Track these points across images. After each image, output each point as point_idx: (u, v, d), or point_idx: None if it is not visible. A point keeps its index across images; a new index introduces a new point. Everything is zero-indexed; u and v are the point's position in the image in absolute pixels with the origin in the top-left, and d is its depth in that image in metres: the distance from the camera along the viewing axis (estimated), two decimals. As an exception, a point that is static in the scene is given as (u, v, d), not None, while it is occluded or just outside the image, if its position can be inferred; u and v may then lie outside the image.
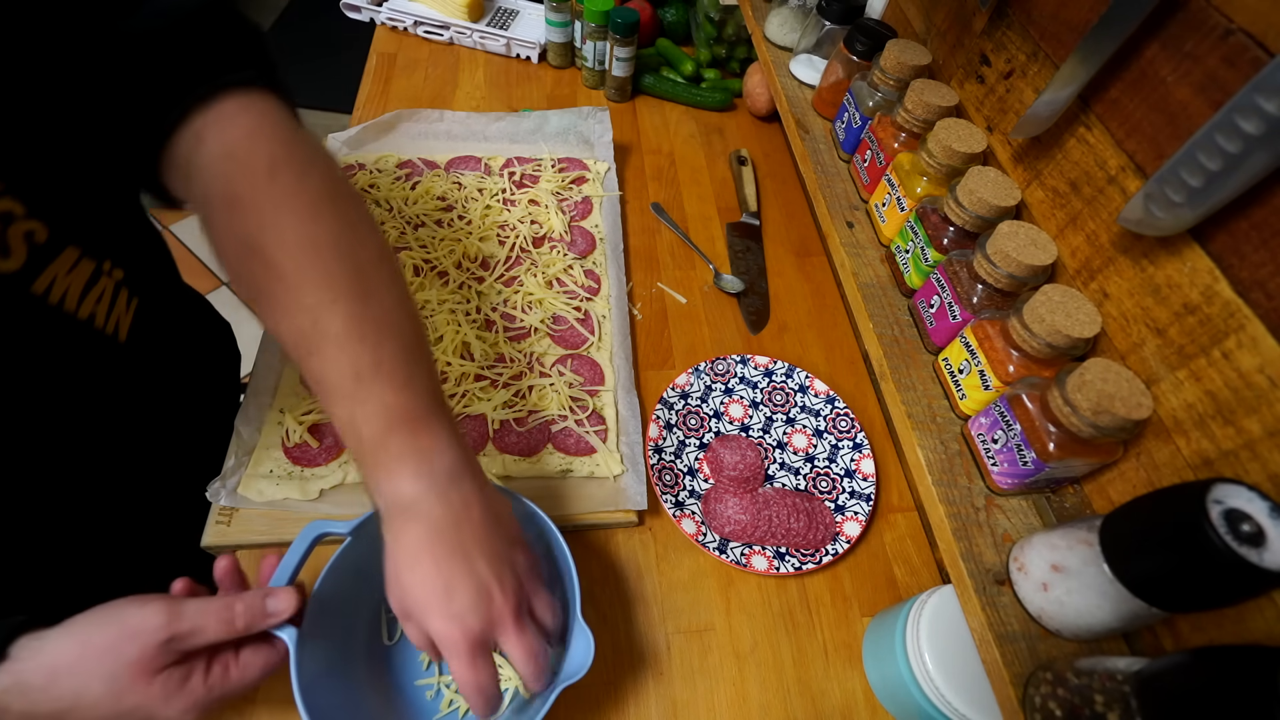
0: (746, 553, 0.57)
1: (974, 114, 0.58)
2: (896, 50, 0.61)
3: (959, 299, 0.49)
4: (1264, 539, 0.28)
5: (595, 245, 0.75)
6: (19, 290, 0.36)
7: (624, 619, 0.54)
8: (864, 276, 0.59)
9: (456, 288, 0.68)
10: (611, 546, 0.58)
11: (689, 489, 0.60)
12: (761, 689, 0.52)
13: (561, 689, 0.41)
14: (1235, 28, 0.35)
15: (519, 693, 0.45)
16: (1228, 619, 0.35)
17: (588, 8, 0.86)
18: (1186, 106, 0.38)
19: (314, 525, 0.44)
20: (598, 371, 0.65)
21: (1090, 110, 0.46)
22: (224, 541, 0.52)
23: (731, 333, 0.74)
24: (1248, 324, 0.35)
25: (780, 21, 0.82)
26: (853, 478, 0.63)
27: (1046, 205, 0.49)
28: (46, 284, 0.38)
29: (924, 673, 0.45)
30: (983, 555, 0.42)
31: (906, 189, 0.57)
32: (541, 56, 1.00)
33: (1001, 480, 0.44)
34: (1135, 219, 0.38)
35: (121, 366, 0.47)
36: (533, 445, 0.59)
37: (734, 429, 0.65)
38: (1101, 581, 0.35)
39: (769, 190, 0.89)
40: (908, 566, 0.60)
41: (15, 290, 0.36)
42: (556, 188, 0.79)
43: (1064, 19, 0.48)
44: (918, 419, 0.49)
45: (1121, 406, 0.37)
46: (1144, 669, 0.31)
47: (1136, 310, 0.41)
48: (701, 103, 0.97)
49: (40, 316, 0.38)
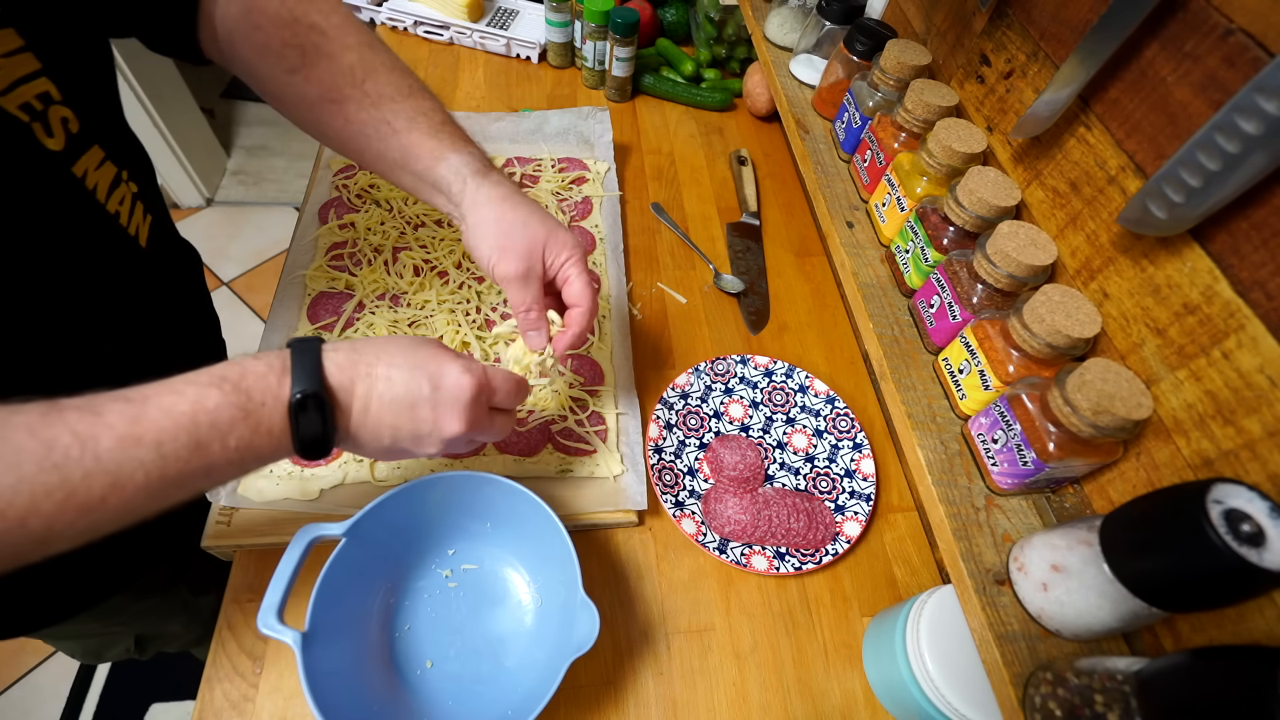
0: (746, 553, 0.57)
1: (974, 114, 0.58)
2: (896, 50, 0.61)
3: (959, 299, 0.49)
4: (1264, 539, 0.28)
5: (595, 245, 0.75)
6: (61, 169, 0.40)
7: (624, 619, 0.54)
8: (864, 276, 0.59)
9: (456, 288, 0.68)
10: (611, 546, 0.58)
11: (689, 489, 0.60)
12: (761, 689, 0.52)
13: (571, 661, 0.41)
14: (1235, 28, 0.35)
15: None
16: (1228, 619, 0.35)
17: (588, 8, 0.86)
18: (1186, 106, 0.38)
19: (308, 529, 0.44)
20: (598, 371, 0.65)
21: (1090, 110, 0.46)
22: (224, 542, 0.52)
23: (731, 333, 0.74)
24: (1248, 324, 0.35)
25: (780, 21, 0.82)
26: (853, 478, 0.63)
27: (1046, 205, 0.49)
28: (82, 170, 0.41)
29: (924, 673, 0.45)
30: (983, 555, 0.42)
31: (906, 189, 0.57)
32: (541, 56, 1.00)
33: (1001, 480, 0.44)
34: (1135, 219, 0.38)
35: (141, 270, 0.49)
36: (533, 445, 0.59)
37: (734, 429, 0.65)
38: (1101, 581, 0.35)
39: (769, 190, 0.89)
40: (908, 566, 0.60)
41: (58, 169, 0.39)
42: (556, 188, 0.79)
43: (1064, 19, 0.48)
44: (918, 419, 0.49)
45: (1121, 406, 0.37)
46: (1144, 669, 0.31)
47: (1136, 310, 0.41)
48: (701, 103, 0.97)
49: (78, 198, 0.41)
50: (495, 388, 0.42)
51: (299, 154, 2.08)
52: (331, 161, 0.78)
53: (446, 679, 0.48)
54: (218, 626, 0.51)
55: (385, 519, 0.47)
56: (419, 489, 0.48)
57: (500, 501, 0.50)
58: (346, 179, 0.76)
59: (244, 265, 1.82)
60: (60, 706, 1.14)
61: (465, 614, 0.51)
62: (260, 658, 0.50)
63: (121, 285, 0.48)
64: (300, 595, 0.43)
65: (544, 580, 0.52)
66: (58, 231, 0.41)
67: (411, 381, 0.38)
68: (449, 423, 0.39)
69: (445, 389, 0.38)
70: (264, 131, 2.13)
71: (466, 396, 0.39)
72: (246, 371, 0.34)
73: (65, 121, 0.39)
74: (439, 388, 0.38)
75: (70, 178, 0.40)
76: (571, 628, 0.44)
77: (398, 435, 0.38)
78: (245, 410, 0.33)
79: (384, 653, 0.48)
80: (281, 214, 1.94)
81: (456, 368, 0.39)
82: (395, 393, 0.38)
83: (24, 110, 0.36)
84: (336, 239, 0.70)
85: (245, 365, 0.34)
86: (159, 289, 0.52)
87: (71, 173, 0.40)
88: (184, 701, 1.17)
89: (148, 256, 0.50)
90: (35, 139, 0.37)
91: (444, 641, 0.50)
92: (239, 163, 2.04)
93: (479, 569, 0.53)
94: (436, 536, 0.52)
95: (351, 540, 0.45)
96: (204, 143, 1.88)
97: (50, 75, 0.38)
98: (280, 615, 0.41)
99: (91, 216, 0.43)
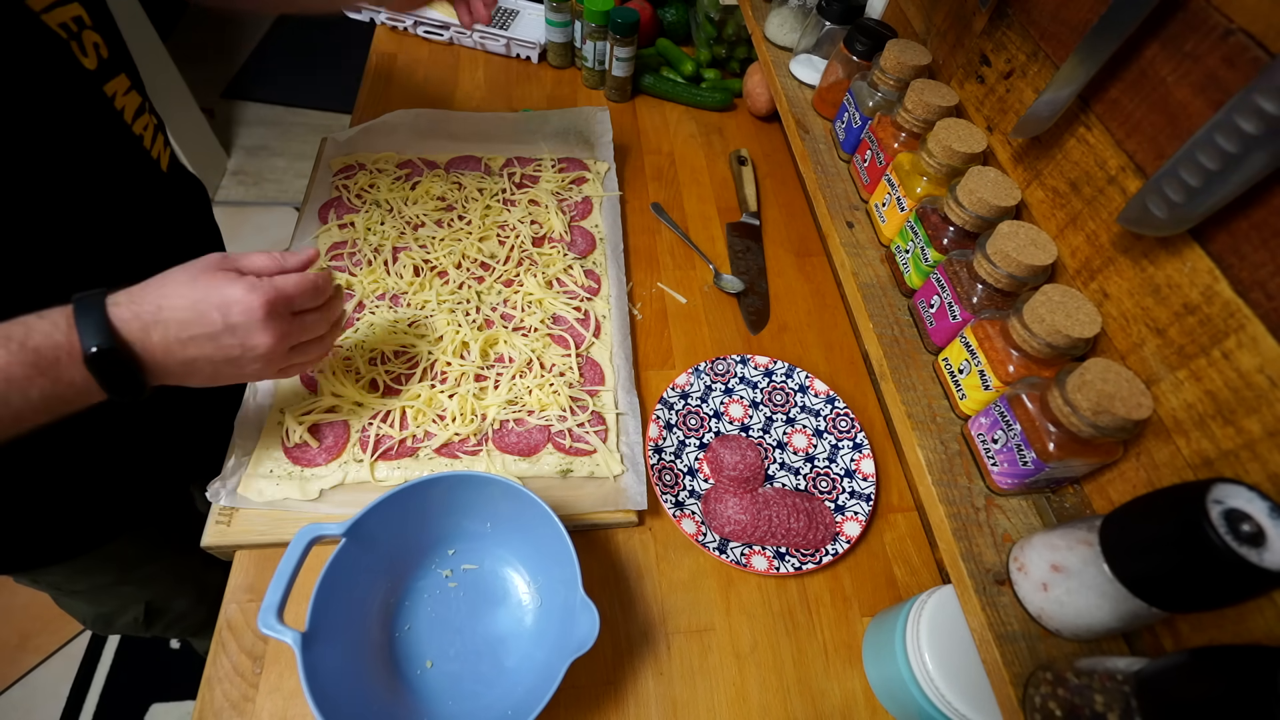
0: (746, 553, 0.57)
1: (974, 114, 0.58)
2: (896, 50, 0.61)
3: (959, 299, 0.49)
4: (1264, 539, 0.28)
5: (595, 245, 0.75)
6: (94, 88, 0.43)
7: (624, 619, 0.54)
8: (864, 276, 0.59)
9: (456, 288, 0.68)
10: (611, 546, 0.58)
11: (689, 489, 0.60)
12: (761, 689, 0.52)
13: (571, 661, 0.41)
14: (1235, 28, 0.35)
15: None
16: (1228, 619, 0.35)
17: (588, 8, 0.86)
18: (1186, 106, 0.38)
19: (308, 529, 0.44)
20: (598, 371, 0.65)
21: (1090, 110, 0.46)
22: (224, 541, 0.52)
23: (731, 333, 0.74)
24: (1248, 324, 0.35)
25: (780, 21, 0.82)
26: (853, 478, 0.63)
27: (1046, 205, 0.49)
28: (112, 92, 0.45)
29: (924, 673, 0.45)
30: (983, 555, 0.42)
31: (906, 189, 0.57)
32: (541, 56, 1.00)
33: (1001, 480, 0.44)
34: (1135, 219, 0.38)
35: (162, 193, 0.53)
36: (533, 445, 0.59)
37: (734, 429, 0.65)
38: (1101, 581, 0.35)
39: (769, 190, 0.89)
40: (908, 566, 0.60)
41: (92, 87, 0.43)
42: (556, 188, 0.79)
43: (1064, 19, 0.48)
44: (918, 419, 0.49)
45: (1121, 406, 0.37)
46: (1144, 669, 0.31)
47: (1136, 310, 0.41)
48: (701, 103, 0.97)
49: (108, 117, 0.45)
50: (290, 294, 0.43)
51: (299, 154, 2.08)
52: (331, 162, 0.78)
53: (446, 679, 0.48)
54: (218, 626, 0.51)
55: (385, 518, 0.47)
56: (419, 489, 0.48)
57: (500, 501, 0.50)
58: (346, 179, 0.76)
59: (244, 265, 1.82)
60: (60, 706, 1.14)
61: (465, 614, 0.51)
62: (260, 658, 0.50)
63: (144, 202, 0.51)
64: (300, 595, 0.43)
65: (544, 580, 0.52)
66: (90, 144, 0.45)
67: (201, 318, 0.40)
68: (256, 342, 0.41)
69: (235, 315, 0.40)
70: (264, 131, 2.13)
71: (259, 315, 0.41)
72: (31, 330, 0.36)
73: (96, 46, 0.43)
74: (228, 316, 0.40)
75: (102, 96, 0.44)
76: (572, 627, 0.44)
77: (215, 366, 0.41)
78: (38, 367, 0.35)
79: (384, 653, 0.48)
80: (281, 214, 1.94)
81: (239, 289, 0.40)
82: (190, 332, 0.39)
83: (62, 29, 0.40)
84: (336, 239, 0.70)
85: (30, 324, 0.36)
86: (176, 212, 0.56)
87: (103, 91, 0.44)
88: (184, 701, 1.17)
89: (168, 180, 0.54)
90: (73, 55, 0.41)
91: (444, 641, 0.50)
92: (239, 163, 2.04)
93: (479, 569, 0.53)
94: (437, 536, 0.52)
95: (352, 540, 0.45)
96: (204, 143, 1.88)
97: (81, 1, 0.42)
98: (280, 615, 0.41)
99: (119, 135, 0.47)
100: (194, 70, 1.79)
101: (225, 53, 2.33)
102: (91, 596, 0.71)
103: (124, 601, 0.74)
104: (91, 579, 0.67)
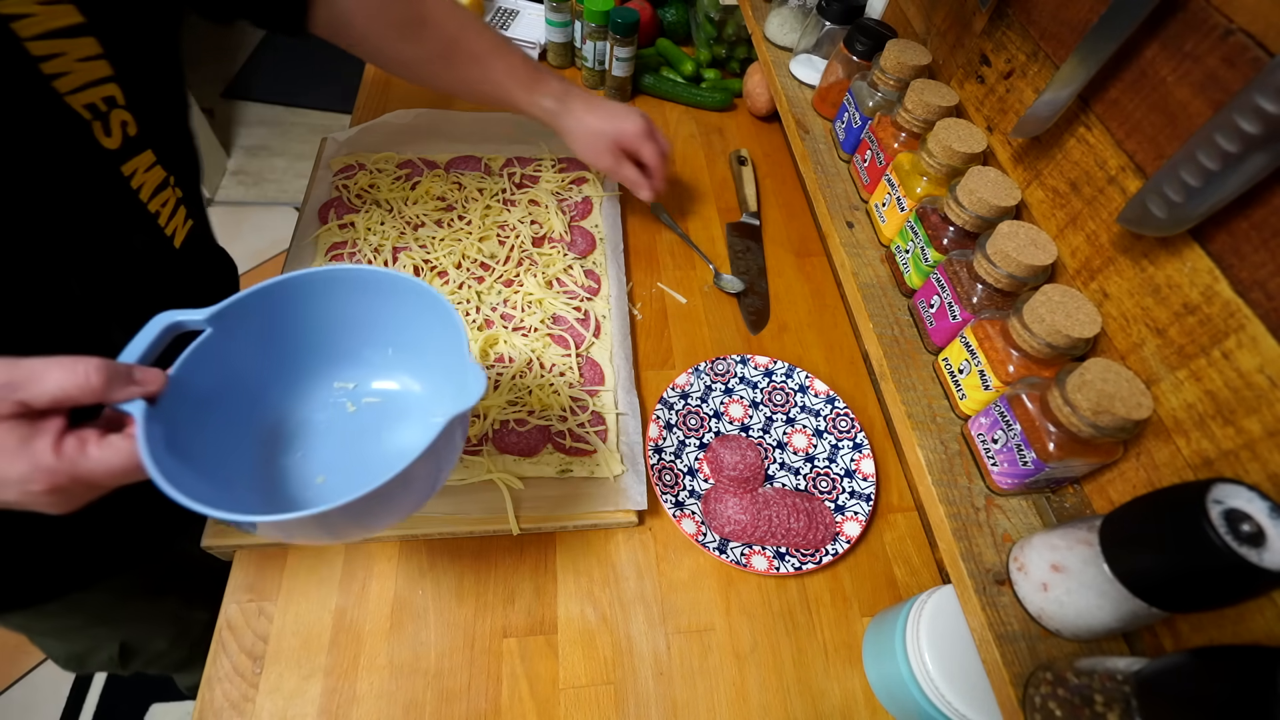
0: (746, 553, 0.57)
1: (974, 114, 0.58)
2: (896, 50, 0.61)
3: (959, 299, 0.49)
4: (1264, 539, 0.28)
5: (595, 245, 0.75)
6: (112, 168, 0.44)
7: (624, 619, 0.54)
8: (864, 276, 0.59)
9: (456, 288, 0.68)
10: (611, 546, 0.58)
11: (689, 489, 0.60)
12: (761, 689, 0.52)
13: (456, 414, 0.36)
14: (1235, 28, 0.35)
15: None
16: (1228, 619, 0.35)
17: (588, 8, 0.86)
18: (1186, 106, 0.38)
19: (164, 315, 0.38)
20: (598, 371, 0.65)
21: (1090, 110, 0.46)
22: (224, 541, 0.52)
23: (731, 333, 0.74)
24: (1248, 324, 0.35)
25: (780, 21, 0.82)
26: (853, 478, 0.63)
27: (1046, 205, 0.49)
28: (131, 170, 0.46)
29: (924, 673, 0.45)
30: (983, 555, 0.42)
31: (906, 189, 0.57)
32: (541, 56, 0.99)
33: (1001, 480, 0.44)
34: (1135, 219, 0.38)
35: (173, 269, 0.53)
36: (533, 445, 0.59)
37: (734, 429, 0.65)
38: (1101, 581, 0.35)
39: (769, 190, 0.89)
40: (908, 566, 0.60)
41: (110, 167, 0.44)
42: (556, 188, 0.79)
43: (1064, 19, 0.48)
44: (918, 419, 0.49)
45: (1121, 406, 0.37)
46: (1144, 669, 0.31)
47: (1136, 310, 0.41)
48: (701, 103, 0.97)
49: (123, 196, 0.46)
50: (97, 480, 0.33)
51: (299, 154, 2.08)
52: (332, 162, 0.78)
53: (337, 490, 0.42)
54: (218, 626, 0.51)
55: (260, 317, 0.42)
56: (290, 285, 0.42)
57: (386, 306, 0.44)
58: (346, 179, 0.76)
59: (244, 265, 1.82)
60: (60, 707, 1.15)
61: (369, 437, 0.47)
62: (260, 658, 0.50)
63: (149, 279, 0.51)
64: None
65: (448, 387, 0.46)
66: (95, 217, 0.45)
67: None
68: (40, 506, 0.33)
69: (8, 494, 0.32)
70: (264, 131, 2.13)
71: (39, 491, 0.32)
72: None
73: (125, 125, 0.44)
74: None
75: (118, 175, 0.44)
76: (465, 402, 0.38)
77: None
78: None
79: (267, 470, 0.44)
80: (281, 214, 1.94)
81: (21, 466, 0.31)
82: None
83: (88, 109, 0.40)
84: (336, 239, 0.70)
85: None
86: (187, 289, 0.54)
87: (120, 171, 0.44)
88: (184, 701, 1.17)
89: (180, 257, 0.53)
90: (93, 136, 0.41)
91: (339, 459, 0.46)
92: (239, 163, 2.04)
93: (382, 401, 0.49)
94: (331, 357, 0.47)
95: (217, 332, 0.40)
96: (204, 143, 1.88)
97: (120, 81, 0.42)
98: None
99: (131, 211, 0.47)
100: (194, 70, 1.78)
101: (225, 53, 2.33)
102: (61, 636, 0.69)
103: (96, 642, 0.71)
104: (55, 621, 0.65)
